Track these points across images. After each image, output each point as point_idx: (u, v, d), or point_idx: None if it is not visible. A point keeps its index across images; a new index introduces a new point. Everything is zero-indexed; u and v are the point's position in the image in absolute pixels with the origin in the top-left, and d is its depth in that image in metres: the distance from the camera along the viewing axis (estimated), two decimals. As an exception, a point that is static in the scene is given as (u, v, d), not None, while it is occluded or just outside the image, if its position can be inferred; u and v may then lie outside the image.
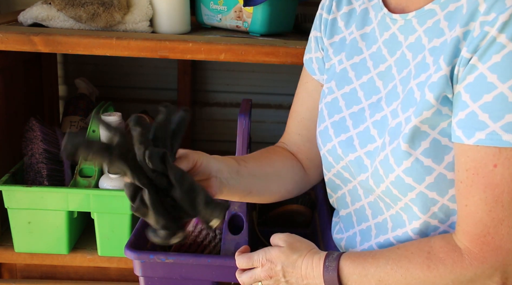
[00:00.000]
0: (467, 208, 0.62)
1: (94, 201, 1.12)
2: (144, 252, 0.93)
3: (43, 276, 1.25)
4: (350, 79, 0.77)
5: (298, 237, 0.76)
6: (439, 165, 0.66)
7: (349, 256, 0.69)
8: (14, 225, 1.14)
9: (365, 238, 0.77)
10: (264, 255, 0.75)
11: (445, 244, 0.64)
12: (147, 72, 1.64)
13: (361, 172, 0.73)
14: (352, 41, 0.78)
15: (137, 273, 0.95)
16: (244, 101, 1.11)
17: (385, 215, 0.73)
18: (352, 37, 0.78)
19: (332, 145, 0.77)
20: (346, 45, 0.79)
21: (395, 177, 0.67)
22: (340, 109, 0.77)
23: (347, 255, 0.69)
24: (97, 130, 1.20)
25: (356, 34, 0.77)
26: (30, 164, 1.19)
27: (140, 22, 1.11)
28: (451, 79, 0.63)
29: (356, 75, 0.76)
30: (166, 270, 0.93)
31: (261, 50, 1.02)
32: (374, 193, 0.73)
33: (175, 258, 0.92)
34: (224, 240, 0.95)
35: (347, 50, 0.78)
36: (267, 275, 0.74)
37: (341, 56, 0.79)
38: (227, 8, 1.18)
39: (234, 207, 0.95)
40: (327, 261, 0.70)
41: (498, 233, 0.60)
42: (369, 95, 0.74)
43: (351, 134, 0.75)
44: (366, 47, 0.76)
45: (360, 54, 0.77)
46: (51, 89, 1.53)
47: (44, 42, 1.01)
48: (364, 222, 0.78)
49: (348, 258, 0.69)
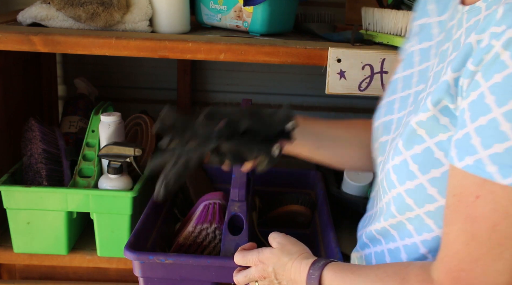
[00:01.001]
0: (447, 237, 0.57)
1: (94, 201, 1.11)
2: (143, 253, 0.92)
3: (42, 277, 1.25)
4: (413, 64, 0.75)
5: (293, 240, 0.78)
6: (423, 175, 0.63)
7: (333, 267, 0.70)
8: (13, 225, 1.14)
9: None
10: (258, 255, 0.78)
11: (421, 273, 0.60)
12: (146, 72, 1.64)
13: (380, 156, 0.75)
14: (428, 26, 0.75)
15: (137, 273, 0.95)
16: (244, 101, 1.11)
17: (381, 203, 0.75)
18: (430, 21, 0.75)
19: (378, 123, 0.78)
20: (424, 29, 0.76)
21: (387, 169, 0.68)
22: (395, 91, 0.77)
23: (330, 266, 0.70)
24: (96, 130, 1.20)
25: (435, 19, 0.74)
26: (29, 164, 1.19)
27: (140, 21, 1.11)
28: (456, 88, 0.59)
29: (420, 61, 0.74)
30: (165, 271, 0.93)
31: (261, 50, 1.02)
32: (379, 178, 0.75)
33: (174, 259, 0.91)
34: (224, 241, 0.95)
35: (422, 34, 0.76)
36: (261, 276, 0.78)
37: (415, 39, 0.77)
38: (227, 7, 1.18)
39: (234, 207, 0.96)
40: (311, 269, 0.71)
41: (473, 270, 0.54)
42: (419, 83, 0.72)
43: (392, 118, 0.75)
44: (436, 35, 0.73)
45: (430, 40, 0.74)
46: (50, 89, 1.53)
47: (43, 42, 1.00)
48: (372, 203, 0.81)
49: (331, 270, 0.69)
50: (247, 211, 0.96)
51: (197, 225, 1.04)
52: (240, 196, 0.97)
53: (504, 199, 0.52)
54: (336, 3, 1.56)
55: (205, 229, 1.04)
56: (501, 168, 0.52)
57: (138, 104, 1.65)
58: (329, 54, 1.01)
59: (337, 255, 0.96)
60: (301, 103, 1.68)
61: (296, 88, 1.67)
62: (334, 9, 1.44)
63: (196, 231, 1.04)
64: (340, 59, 1.01)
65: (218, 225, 1.04)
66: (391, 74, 1.01)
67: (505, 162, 0.52)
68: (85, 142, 1.21)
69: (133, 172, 1.20)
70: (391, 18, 1.07)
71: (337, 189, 1.24)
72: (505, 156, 0.52)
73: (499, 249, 0.53)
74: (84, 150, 1.20)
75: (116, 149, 1.13)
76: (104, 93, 1.62)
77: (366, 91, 1.03)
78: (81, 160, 1.19)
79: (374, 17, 1.12)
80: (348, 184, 1.22)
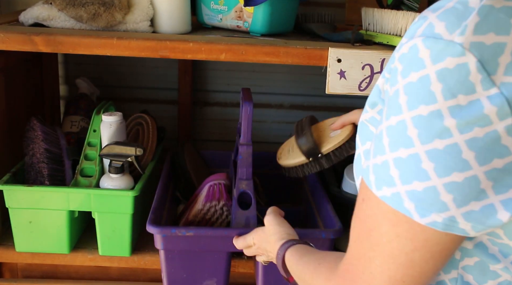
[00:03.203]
0: (351, 232, 0.60)
1: (95, 201, 1.12)
2: (166, 227, 1.02)
3: (44, 276, 1.25)
4: None
5: (279, 220, 0.91)
6: None
7: (292, 251, 0.79)
8: (15, 224, 1.14)
9: None
10: (253, 236, 0.95)
11: (333, 260, 0.65)
12: (147, 72, 1.64)
13: None
14: None
15: (158, 246, 1.04)
16: (244, 90, 1.13)
17: None
18: None
19: None
20: None
21: None
22: None
23: (292, 249, 0.79)
24: (98, 130, 1.20)
25: None
26: (31, 164, 1.19)
27: (141, 22, 1.11)
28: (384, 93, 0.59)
29: None
30: (186, 243, 1.02)
31: (261, 50, 1.02)
32: None
33: (194, 231, 1.01)
34: (235, 215, 1.06)
35: None
36: (260, 252, 0.94)
37: None
38: (228, 8, 1.19)
39: (242, 185, 1.08)
40: (280, 249, 0.82)
41: (356, 267, 0.57)
42: None
43: None
44: None
45: None
46: (52, 89, 1.53)
47: (45, 42, 1.01)
48: None
49: (290, 252, 0.79)
50: (254, 188, 1.08)
51: (206, 203, 1.13)
52: (248, 175, 1.08)
53: (378, 208, 0.54)
54: (336, 3, 1.57)
55: (213, 206, 1.13)
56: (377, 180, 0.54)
57: (139, 104, 1.66)
58: (329, 54, 1.02)
59: (337, 224, 1.07)
60: (301, 103, 1.69)
61: (296, 88, 1.67)
62: (334, 9, 1.44)
63: (205, 209, 1.13)
64: (340, 59, 1.02)
65: (225, 202, 1.13)
66: None
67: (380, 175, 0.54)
68: (87, 142, 1.21)
69: (134, 171, 1.20)
70: (391, 18, 1.07)
71: (337, 189, 1.24)
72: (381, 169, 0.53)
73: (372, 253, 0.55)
74: (85, 150, 1.20)
75: (117, 149, 1.14)
76: (105, 93, 1.63)
77: (366, 91, 1.04)
78: (83, 160, 1.19)
79: (374, 18, 1.13)
80: (348, 184, 1.22)
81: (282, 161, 1.13)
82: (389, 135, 0.52)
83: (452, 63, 0.48)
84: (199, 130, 1.71)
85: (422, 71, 0.49)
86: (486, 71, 0.47)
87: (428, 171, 0.50)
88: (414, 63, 0.50)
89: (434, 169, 0.49)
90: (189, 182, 1.33)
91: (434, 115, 0.49)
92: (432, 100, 0.49)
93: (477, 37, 0.48)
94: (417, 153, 0.50)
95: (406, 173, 0.51)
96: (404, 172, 0.51)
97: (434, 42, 0.49)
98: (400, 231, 0.52)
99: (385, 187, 0.53)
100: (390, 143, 0.52)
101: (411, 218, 0.51)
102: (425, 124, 0.49)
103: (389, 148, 0.52)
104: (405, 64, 0.51)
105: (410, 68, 0.51)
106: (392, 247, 0.53)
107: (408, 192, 0.51)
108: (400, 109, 0.51)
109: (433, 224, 0.51)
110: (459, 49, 0.48)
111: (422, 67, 0.50)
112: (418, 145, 0.50)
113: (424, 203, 0.50)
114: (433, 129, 0.49)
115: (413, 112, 0.50)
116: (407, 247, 0.52)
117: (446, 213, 0.50)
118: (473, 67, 0.47)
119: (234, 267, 1.12)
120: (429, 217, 0.51)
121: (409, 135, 0.50)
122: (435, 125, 0.49)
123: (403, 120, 0.51)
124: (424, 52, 0.50)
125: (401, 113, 0.51)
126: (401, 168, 0.51)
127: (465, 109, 0.48)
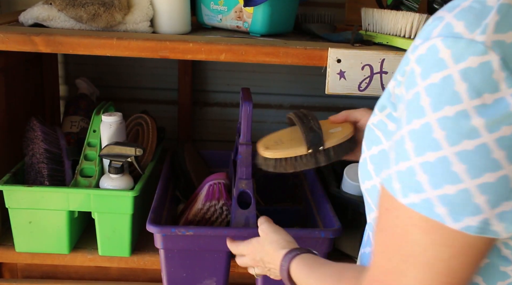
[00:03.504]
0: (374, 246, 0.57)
1: (95, 201, 1.12)
2: (166, 226, 1.02)
3: (44, 276, 1.25)
4: None
5: (275, 227, 0.86)
6: (377, 176, 0.64)
7: (299, 261, 0.74)
8: (15, 224, 1.14)
9: None
10: (247, 247, 0.89)
11: (354, 276, 0.61)
12: (147, 73, 1.64)
13: None
14: None
15: (158, 246, 1.04)
16: (243, 90, 1.13)
17: None
18: None
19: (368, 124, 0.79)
20: None
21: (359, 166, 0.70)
22: None
23: (297, 260, 0.74)
24: (97, 130, 1.21)
25: None
26: (31, 164, 1.19)
27: (141, 22, 1.11)
28: (395, 97, 0.58)
29: None
30: (185, 243, 1.03)
31: (261, 50, 1.02)
32: None
33: (194, 230, 1.02)
34: (235, 214, 1.05)
35: None
36: (253, 264, 0.88)
37: None
38: (228, 8, 1.19)
39: (241, 185, 1.07)
40: (283, 260, 0.76)
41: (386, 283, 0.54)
42: None
43: None
44: None
45: None
46: (51, 89, 1.53)
47: (45, 43, 1.01)
48: None
49: (296, 263, 0.74)
50: (253, 188, 1.07)
51: (206, 202, 1.13)
52: (247, 174, 1.07)
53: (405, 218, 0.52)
54: (336, 4, 1.57)
55: (213, 205, 1.13)
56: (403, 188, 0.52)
57: (139, 104, 1.66)
58: (329, 54, 1.02)
59: (336, 223, 1.06)
60: (301, 103, 1.69)
61: (296, 88, 1.67)
62: (334, 9, 1.44)
63: (205, 208, 1.13)
64: (340, 59, 1.02)
65: (225, 201, 1.13)
66: (390, 74, 1.02)
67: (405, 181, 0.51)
68: (87, 142, 1.21)
69: (134, 171, 1.21)
70: (390, 18, 1.07)
71: (337, 189, 1.24)
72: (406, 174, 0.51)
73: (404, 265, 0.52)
74: (85, 150, 1.20)
75: (117, 149, 1.14)
76: (105, 93, 1.63)
77: (366, 91, 1.04)
78: (83, 160, 1.19)
79: (373, 18, 1.13)
80: (348, 184, 1.22)
81: (270, 152, 0.93)
82: (413, 139, 0.51)
83: (475, 62, 0.47)
84: (199, 131, 1.71)
85: (444, 71, 0.49)
86: (509, 69, 0.47)
87: (459, 173, 0.48)
88: (434, 64, 0.50)
89: (466, 171, 0.48)
90: (189, 181, 1.34)
91: (460, 116, 0.48)
92: (457, 100, 0.48)
93: (498, 36, 0.48)
94: (446, 155, 0.49)
95: (435, 177, 0.49)
96: (434, 176, 0.49)
97: (454, 42, 0.49)
98: (435, 238, 0.50)
99: (412, 194, 0.51)
100: (415, 148, 0.51)
101: (444, 223, 0.49)
102: (452, 126, 0.48)
103: (414, 152, 0.51)
104: (424, 65, 0.50)
105: (430, 69, 0.50)
106: (427, 255, 0.51)
107: (439, 197, 0.49)
108: (423, 112, 0.50)
109: (467, 229, 0.49)
110: (482, 48, 0.47)
111: (444, 68, 0.49)
112: (446, 147, 0.48)
113: (457, 207, 0.49)
114: (461, 130, 0.48)
115: (438, 114, 0.49)
116: (444, 254, 0.50)
117: (480, 216, 0.49)
118: (496, 65, 0.47)
119: (234, 267, 1.12)
120: (462, 221, 0.49)
121: (436, 138, 0.49)
122: (462, 126, 0.48)
123: (427, 123, 0.49)
124: (444, 52, 0.49)
125: (424, 116, 0.50)
126: (429, 172, 0.50)
127: (491, 108, 0.47)
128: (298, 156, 0.91)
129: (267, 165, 0.93)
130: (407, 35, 1.04)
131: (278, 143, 0.95)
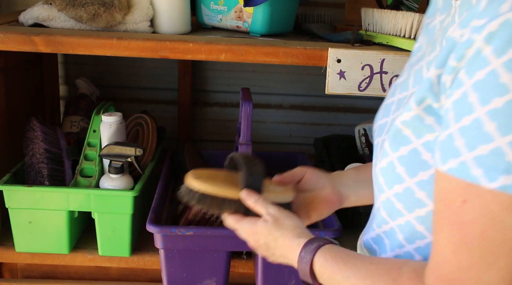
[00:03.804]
0: (436, 244, 0.54)
1: (95, 201, 1.12)
2: (166, 226, 1.03)
3: (44, 276, 1.25)
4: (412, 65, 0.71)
5: (286, 213, 0.74)
6: (411, 178, 0.61)
7: (325, 253, 0.66)
8: (15, 224, 1.14)
9: None
10: (250, 226, 0.75)
11: (413, 276, 0.57)
12: (147, 73, 1.64)
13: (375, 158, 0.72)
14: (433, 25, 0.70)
15: (158, 246, 1.04)
16: (243, 90, 1.13)
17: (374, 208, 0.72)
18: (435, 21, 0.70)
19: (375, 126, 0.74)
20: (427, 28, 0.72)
21: (376, 172, 0.67)
22: (394, 93, 0.71)
23: (323, 251, 0.66)
24: (97, 130, 1.21)
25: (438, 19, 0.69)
26: (31, 164, 1.19)
27: (141, 22, 1.11)
28: (439, 86, 0.56)
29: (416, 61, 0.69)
30: (185, 243, 1.03)
31: (261, 50, 1.02)
32: None
33: (194, 230, 1.02)
34: None
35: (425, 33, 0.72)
36: (252, 246, 0.76)
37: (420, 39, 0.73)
38: (228, 8, 1.19)
39: None
40: (303, 251, 0.67)
41: (465, 280, 0.51)
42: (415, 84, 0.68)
43: (387, 120, 0.70)
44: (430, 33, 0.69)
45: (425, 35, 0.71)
46: (51, 89, 1.53)
47: (45, 43, 1.01)
48: None
49: (322, 256, 0.66)
50: None
51: None
52: None
53: (492, 203, 0.49)
54: (336, 4, 1.57)
55: None
56: (487, 171, 0.49)
57: (139, 104, 1.66)
58: (329, 54, 1.02)
59: (336, 223, 1.06)
60: (301, 103, 1.69)
61: (296, 88, 1.68)
62: (334, 9, 1.44)
63: None
64: (340, 59, 1.02)
65: None
66: (390, 74, 1.01)
67: (490, 164, 0.48)
68: (87, 142, 1.21)
69: (134, 171, 1.21)
70: (390, 18, 1.07)
71: (337, 189, 1.24)
72: (490, 157, 0.48)
73: (491, 257, 0.50)
74: (85, 150, 1.20)
75: (117, 149, 1.14)
76: (105, 93, 1.63)
77: (366, 91, 1.04)
78: (83, 160, 1.19)
79: (373, 18, 1.13)
80: (348, 184, 1.22)
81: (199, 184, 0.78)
82: (464, 136, 0.50)
83: None
84: (199, 131, 1.71)
85: None
86: None
87: None
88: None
89: None
90: (190, 182, 1.34)
91: None
92: None
93: None
94: (499, 146, 0.48)
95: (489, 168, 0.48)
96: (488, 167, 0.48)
97: None
98: None
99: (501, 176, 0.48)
100: (466, 143, 0.50)
101: None
102: None
103: (466, 148, 0.50)
104: (498, 42, 0.48)
105: (508, 45, 0.48)
106: None
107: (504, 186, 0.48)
108: (506, 89, 0.48)
109: None
110: None
111: None
112: (498, 138, 0.48)
113: None
114: None
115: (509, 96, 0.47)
116: None
117: None
118: None
119: (233, 267, 1.13)
120: None
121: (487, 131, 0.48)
122: None
123: None
124: None
125: (509, 92, 0.48)
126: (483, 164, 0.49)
127: None
128: (228, 198, 0.77)
129: (191, 197, 0.78)
130: (407, 35, 1.04)
131: (212, 177, 0.82)
